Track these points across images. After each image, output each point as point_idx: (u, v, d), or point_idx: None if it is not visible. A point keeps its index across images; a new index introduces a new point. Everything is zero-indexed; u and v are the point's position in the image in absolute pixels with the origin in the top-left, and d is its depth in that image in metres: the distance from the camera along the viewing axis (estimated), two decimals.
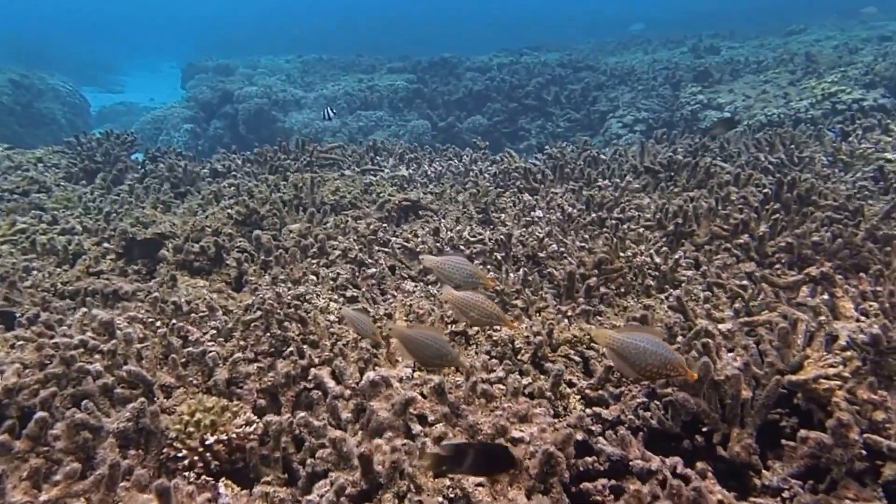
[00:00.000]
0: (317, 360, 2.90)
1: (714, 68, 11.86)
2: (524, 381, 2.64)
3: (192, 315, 3.26)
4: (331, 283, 3.68)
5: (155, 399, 2.67)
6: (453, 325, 3.02)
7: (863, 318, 2.54)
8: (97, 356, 2.78)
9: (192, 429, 2.52)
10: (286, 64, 20.40)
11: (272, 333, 3.05)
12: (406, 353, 2.25)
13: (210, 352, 2.84)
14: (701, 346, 2.45)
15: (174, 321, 3.12)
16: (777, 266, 3.29)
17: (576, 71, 14.60)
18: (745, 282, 3.07)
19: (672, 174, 5.02)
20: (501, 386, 2.59)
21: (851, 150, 5.13)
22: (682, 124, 10.64)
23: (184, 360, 2.86)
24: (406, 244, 4.04)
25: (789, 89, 9.95)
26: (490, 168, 5.93)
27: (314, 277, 3.80)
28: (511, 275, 3.44)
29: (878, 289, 2.66)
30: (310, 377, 2.80)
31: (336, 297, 3.49)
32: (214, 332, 3.15)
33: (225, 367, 2.84)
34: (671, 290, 3.32)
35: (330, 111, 9.85)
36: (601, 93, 13.13)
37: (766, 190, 4.00)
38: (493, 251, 3.78)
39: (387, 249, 4.08)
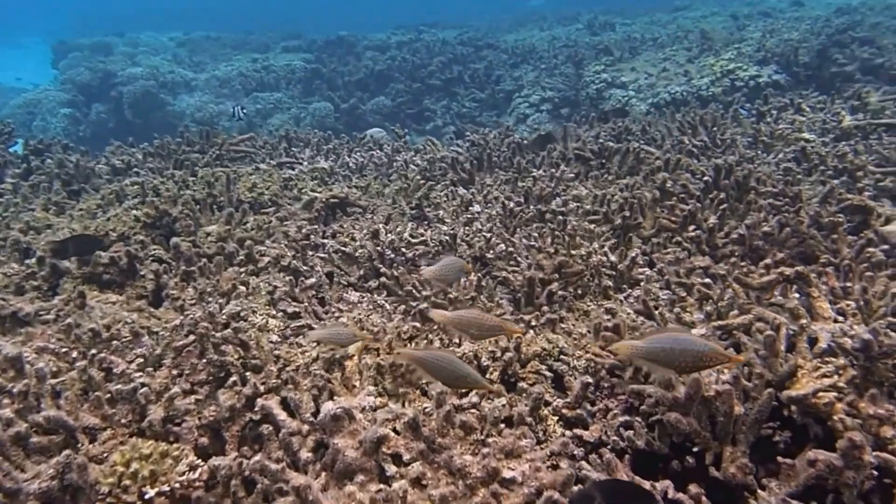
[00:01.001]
0: (262, 389, 2.54)
1: (615, 46, 11.98)
2: (498, 405, 2.39)
3: (114, 342, 2.80)
4: (266, 296, 3.29)
5: (79, 446, 2.25)
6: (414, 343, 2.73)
7: (840, 318, 2.46)
8: (6, 400, 2.32)
9: (128, 481, 2.16)
10: (170, 42, 19.06)
11: (209, 360, 2.65)
12: (429, 377, 2.08)
13: (140, 388, 2.43)
14: None
15: (93, 351, 2.67)
16: (734, 259, 3.21)
17: (477, 49, 14.42)
18: (706, 280, 2.96)
19: (603, 161, 4.90)
20: (474, 411, 2.34)
21: (771, 130, 5.19)
22: (587, 103, 10.71)
23: (109, 396, 2.43)
24: (344, 248, 3.69)
25: (689, 67, 10.19)
26: (415, 158, 5.61)
27: (244, 288, 3.39)
28: (463, 279, 3.17)
29: (848, 284, 2.60)
30: (256, 408, 2.45)
31: (275, 312, 3.11)
32: (141, 360, 2.73)
33: (160, 403, 2.44)
34: (630, 290, 3.17)
35: (240, 111, 9.02)
36: (505, 72, 13.02)
37: (706, 178, 3.93)
38: (438, 254, 3.51)
39: (323, 255, 3.71)
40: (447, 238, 3.62)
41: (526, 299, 3.02)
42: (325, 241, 3.91)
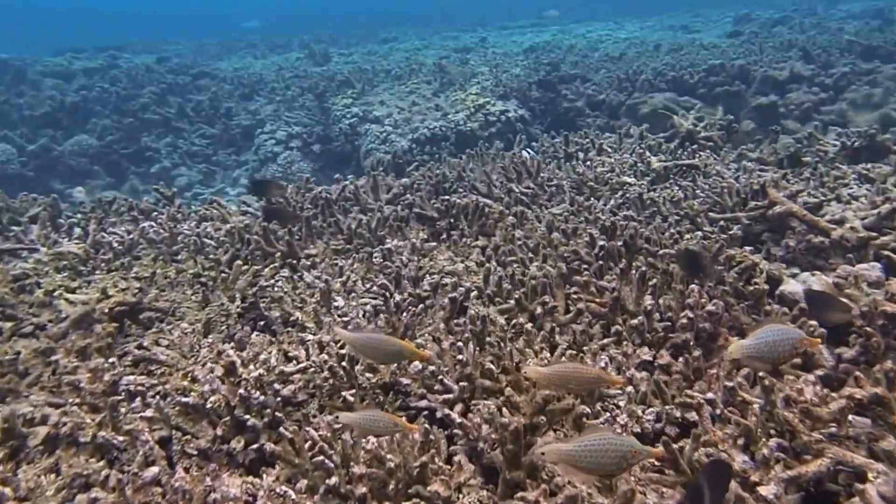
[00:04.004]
0: None
1: (354, 78, 11.47)
2: None
3: None
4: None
5: None
6: None
7: None
8: None
9: None
10: None
11: None
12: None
13: None
14: None
15: None
16: (690, 354, 2.80)
17: (194, 79, 12.79)
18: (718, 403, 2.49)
19: (452, 220, 4.27)
20: None
21: (596, 175, 5.06)
22: (341, 139, 10.02)
23: None
24: (184, 398, 2.48)
25: (439, 101, 10.09)
26: (208, 228, 4.34)
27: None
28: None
29: None
30: None
31: None
32: None
33: None
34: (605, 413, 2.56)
35: None
36: (236, 104, 11.70)
37: (601, 243, 3.52)
38: (336, 390, 2.52)
39: (150, 412, 2.45)
40: (336, 363, 2.65)
41: (508, 464, 2.21)
42: (139, 384, 2.65)
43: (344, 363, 2.65)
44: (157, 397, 2.60)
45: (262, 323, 3.36)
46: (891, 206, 3.62)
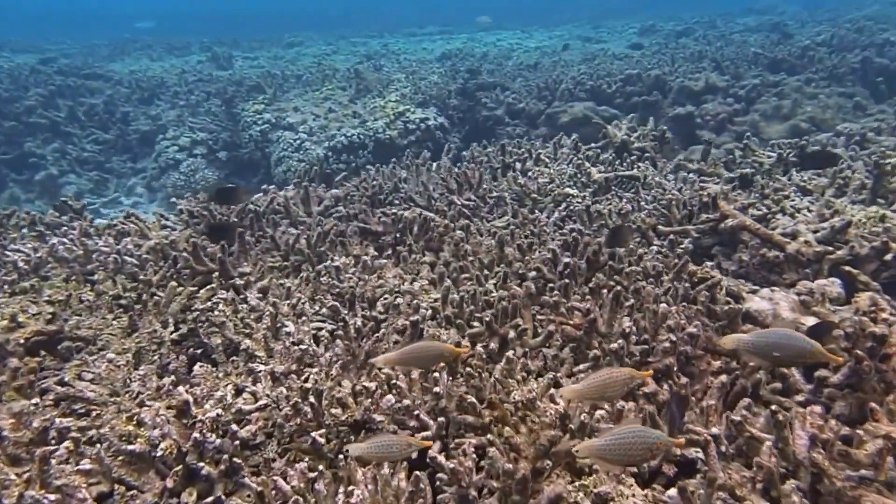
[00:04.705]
0: None
1: (265, 83, 10.88)
2: None
3: None
4: None
5: None
6: None
7: None
8: None
9: None
10: None
11: None
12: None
13: None
14: None
15: None
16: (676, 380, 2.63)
17: (86, 80, 11.78)
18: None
19: (399, 235, 3.96)
20: None
21: (539, 187, 4.88)
22: (251, 146, 9.46)
23: None
24: (129, 446, 2.05)
25: (357, 108, 9.73)
26: (128, 245, 3.80)
27: None
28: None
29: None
30: None
31: None
32: None
33: None
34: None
35: None
36: (133, 108, 10.84)
37: (568, 261, 3.31)
38: (302, 430, 2.16)
39: (86, 464, 2.01)
40: (301, 398, 2.29)
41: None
42: (67, 428, 2.19)
43: (311, 398, 2.30)
44: (96, 444, 2.15)
45: (199, 351, 2.95)
46: (843, 219, 3.61)
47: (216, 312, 2.98)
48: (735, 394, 2.63)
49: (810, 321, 3.03)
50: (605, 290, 3.04)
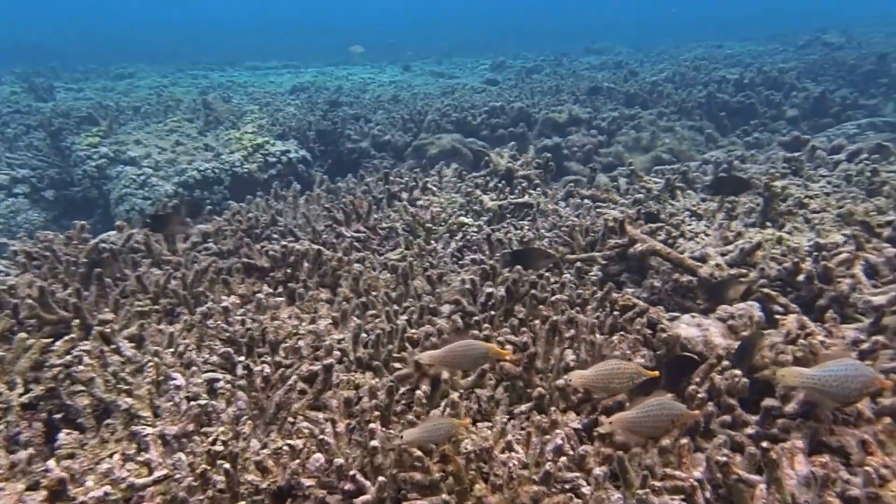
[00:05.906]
0: None
1: (98, 115, 9.75)
2: None
3: None
4: None
5: None
6: None
7: None
8: None
9: None
10: None
11: None
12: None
13: None
14: None
15: None
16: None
17: None
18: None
19: (290, 270, 3.43)
20: None
21: (432, 216, 4.55)
22: (85, 182, 8.35)
23: None
24: None
25: (208, 140, 8.94)
26: None
27: None
28: None
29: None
30: None
31: None
32: None
33: None
34: None
35: None
36: None
37: (490, 290, 2.97)
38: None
39: None
40: (209, 465, 1.74)
41: None
42: None
43: (224, 463, 1.74)
44: None
45: (58, 416, 2.28)
46: (751, 241, 3.59)
47: (80, 367, 2.33)
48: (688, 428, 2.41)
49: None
50: (537, 321, 2.74)
